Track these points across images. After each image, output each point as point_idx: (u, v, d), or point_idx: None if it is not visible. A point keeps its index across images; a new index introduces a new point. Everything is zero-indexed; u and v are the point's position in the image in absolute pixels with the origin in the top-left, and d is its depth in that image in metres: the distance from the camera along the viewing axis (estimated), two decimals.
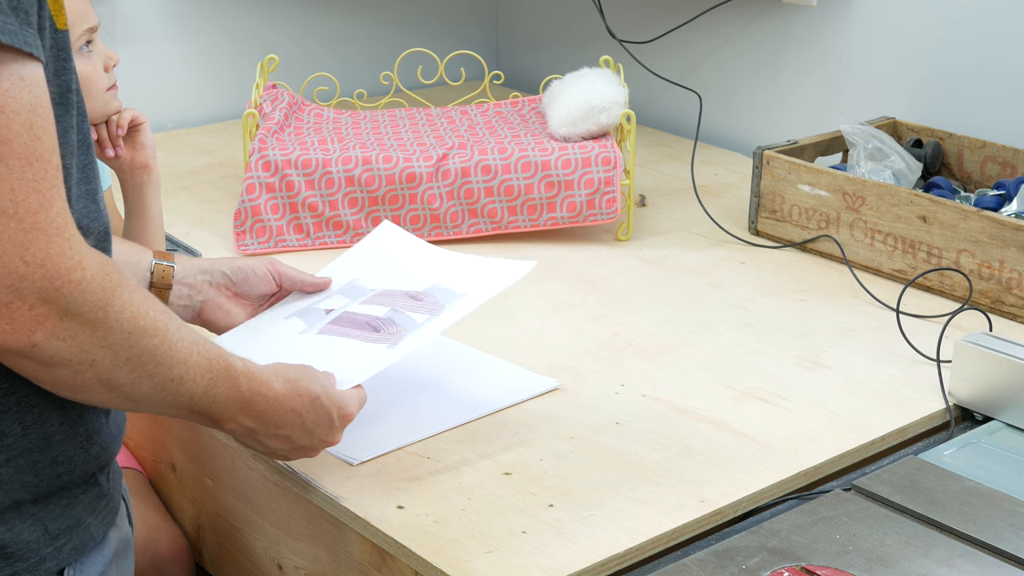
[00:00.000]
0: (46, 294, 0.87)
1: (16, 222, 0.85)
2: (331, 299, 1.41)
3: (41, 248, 0.86)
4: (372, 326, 1.34)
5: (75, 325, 0.90)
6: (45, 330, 0.88)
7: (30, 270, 0.86)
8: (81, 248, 0.89)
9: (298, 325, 1.37)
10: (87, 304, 0.90)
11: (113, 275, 0.92)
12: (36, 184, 0.86)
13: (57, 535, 1.01)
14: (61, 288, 0.88)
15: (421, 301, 1.37)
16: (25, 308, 0.87)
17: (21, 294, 0.86)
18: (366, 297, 1.40)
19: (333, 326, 1.35)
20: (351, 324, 1.35)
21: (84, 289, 0.89)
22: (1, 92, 0.85)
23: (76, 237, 0.89)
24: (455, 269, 1.43)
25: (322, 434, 1.19)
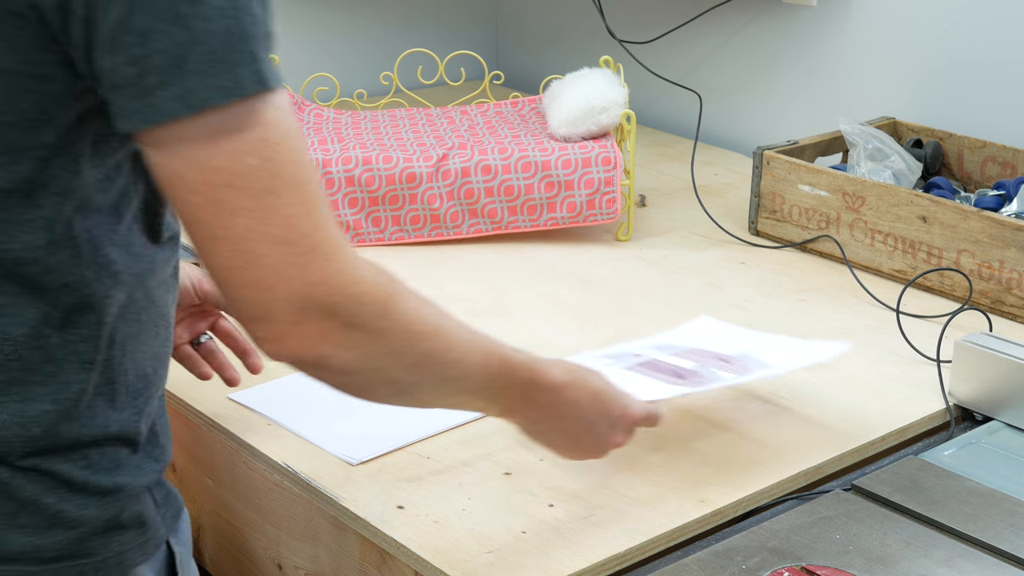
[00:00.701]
0: (330, 309, 0.92)
1: (294, 248, 0.90)
2: (641, 349, 1.44)
3: (320, 268, 0.91)
4: (678, 374, 1.37)
5: (358, 335, 0.95)
6: (332, 342, 0.93)
7: (313, 290, 0.91)
8: (356, 261, 0.94)
9: (607, 363, 1.39)
10: (367, 315, 0.94)
11: (388, 284, 0.97)
12: (307, 207, 0.91)
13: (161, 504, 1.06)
14: (343, 303, 0.93)
15: (731, 363, 1.40)
16: (312, 324, 0.92)
17: (308, 313, 0.92)
18: (676, 351, 1.43)
19: (640, 367, 1.38)
20: (657, 368, 1.38)
21: (363, 301, 0.94)
22: (265, 125, 0.89)
23: (350, 251, 0.94)
24: (769, 345, 1.46)
25: (604, 430, 1.18)
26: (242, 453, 1.40)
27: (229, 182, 0.88)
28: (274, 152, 0.89)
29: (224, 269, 0.91)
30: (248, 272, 0.90)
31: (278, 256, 0.90)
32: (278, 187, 0.90)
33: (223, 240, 0.90)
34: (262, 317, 0.92)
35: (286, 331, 0.92)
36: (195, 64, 0.86)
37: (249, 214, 0.89)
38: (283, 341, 0.93)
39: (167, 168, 0.89)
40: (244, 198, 0.89)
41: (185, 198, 0.89)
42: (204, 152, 0.88)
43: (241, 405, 1.44)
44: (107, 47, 0.86)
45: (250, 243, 0.89)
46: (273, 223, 0.90)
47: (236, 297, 0.92)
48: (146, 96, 0.86)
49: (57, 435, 0.97)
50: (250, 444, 1.37)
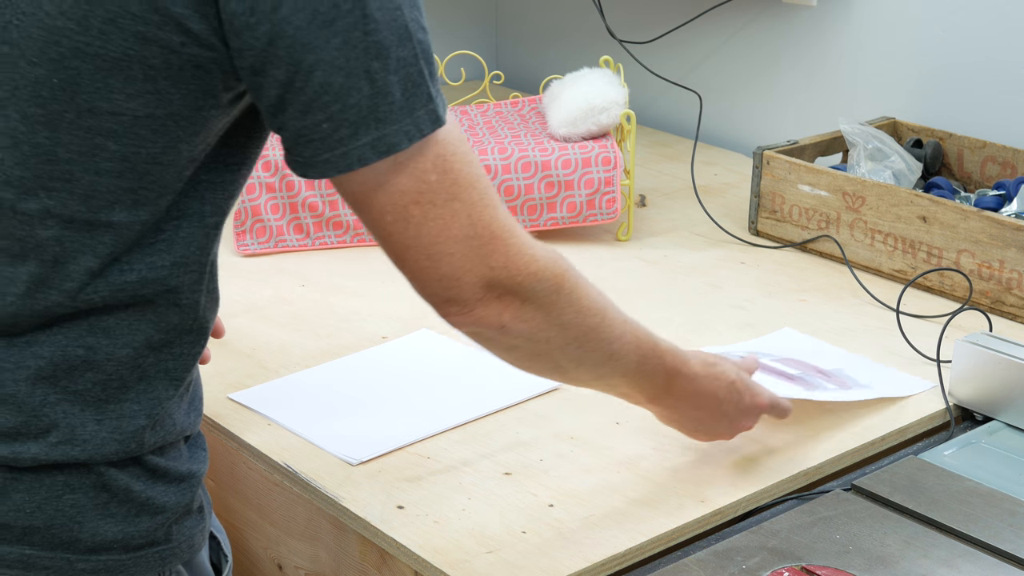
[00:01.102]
0: (510, 287, 1.03)
1: (478, 240, 1.00)
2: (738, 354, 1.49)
3: (501, 252, 1.01)
4: (785, 376, 1.45)
5: (533, 308, 1.05)
6: (511, 314, 1.04)
7: (496, 272, 1.01)
8: (531, 242, 1.04)
9: None
10: (543, 290, 1.05)
11: (560, 262, 1.07)
12: (484, 202, 1.00)
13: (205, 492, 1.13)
14: (523, 281, 1.03)
15: (830, 376, 1.48)
16: (494, 298, 1.02)
17: (492, 290, 1.02)
18: (775, 358, 1.50)
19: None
20: (765, 370, 1.44)
21: (540, 278, 1.04)
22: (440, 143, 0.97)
23: (523, 234, 1.04)
24: (859, 367, 1.53)
25: (735, 417, 1.27)
26: (242, 453, 1.40)
27: (416, 199, 0.97)
28: (449, 163, 0.98)
29: (417, 270, 1.00)
30: (439, 269, 1.00)
31: (464, 250, 1.00)
32: (458, 192, 0.99)
33: (414, 248, 0.99)
34: (452, 300, 1.02)
35: (473, 307, 1.02)
36: (383, 113, 0.94)
37: (435, 222, 0.98)
38: (470, 314, 1.02)
39: (357, 198, 0.98)
40: (430, 209, 0.98)
41: (377, 218, 0.98)
42: (390, 180, 0.96)
43: (241, 405, 1.44)
44: (304, 108, 0.93)
45: (439, 245, 0.99)
46: (457, 224, 0.99)
47: (428, 289, 1.01)
48: (339, 147, 0.94)
49: (151, 444, 1.03)
50: (250, 444, 1.37)
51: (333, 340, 1.60)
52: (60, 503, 1.01)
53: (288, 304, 1.71)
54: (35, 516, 1.00)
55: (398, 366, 1.53)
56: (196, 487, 1.08)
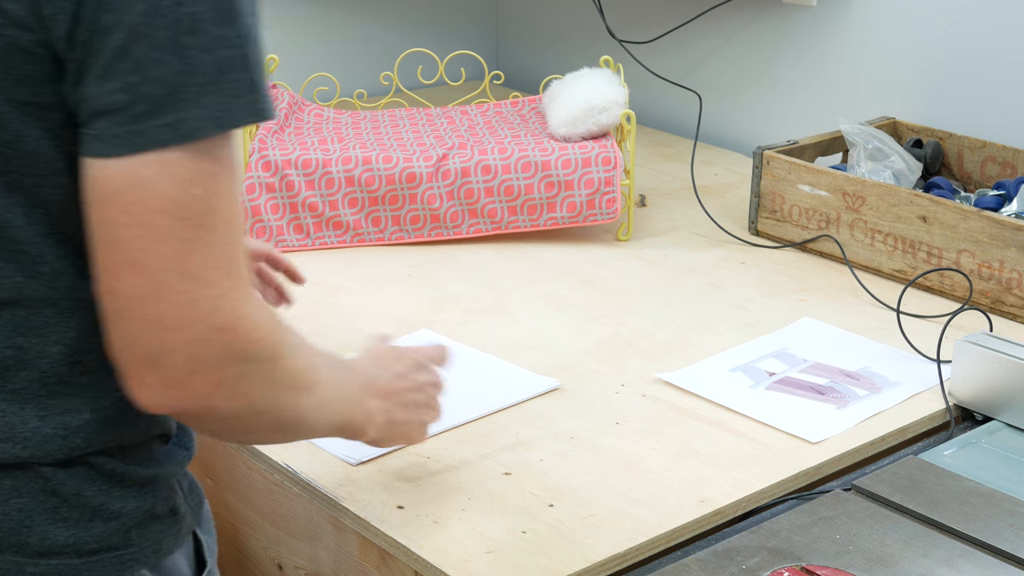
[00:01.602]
0: (227, 358, 0.90)
1: (210, 288, 0.87)
2: (766, 361, 1.55)
3: (228, 312, 0.89)
4: (817, 390, 1.48)
5: (248, 383, 0.92)
6: (222, 393, 0.91)
7: (216, 335, 0.88)
8: (256, 305, 0.92)
9: (745, 380, 1.50)
10: (261, 360, 0.92)
11: (279, 325, 0.95)
12: (230, 248, 0.88)
13: (188, 493, 1.07)
14: (242, 350, 0.90)
15: (858, 380, 1.51)
16: (206, 375, 0.89)
17: (206, 361, 0.89)
18: (803, 367, 1.54)
19: (780, 385, 1.50)
20: (796, 386, 1.49)
21: (261, 347, 0.92)
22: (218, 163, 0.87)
23: (253, 295, 0.92)
24: (881, 358, 1.56)
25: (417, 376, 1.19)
26: (242, 453, 1.39)
27: (166, 208, 0.86)
28: (219, 187, 0.87)
29: (127, 297, 0.87)
30: (155, 305, 0.87)
31: (191, 294, 0.87)
32: (214, 223, 0.87)
33: (137, 266, 0.86)
34: (154, 359, 0.88)
35: (177, 381, 0.89)
36: (190, 94, 0.85)
37: (176, 245, 0.86)
38: (171, 391, 0.89)
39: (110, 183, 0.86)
40: (177, 227, 0.86)
41: (112, 216, 0.86)
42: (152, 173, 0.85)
43: None
44: (100, 73, 0.85)
45: (166, 274, 0.86)
46: (197, 259, 0.87)
47: (130, 333, 0.88)
48: (133, 123, 0.85)
49: (100, 440, 0.97)
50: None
51: (333, 340, 1.60)
52: (7, 507, 0.95)
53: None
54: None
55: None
56: (163, 490, 1.01)
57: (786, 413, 1.42)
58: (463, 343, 1.58)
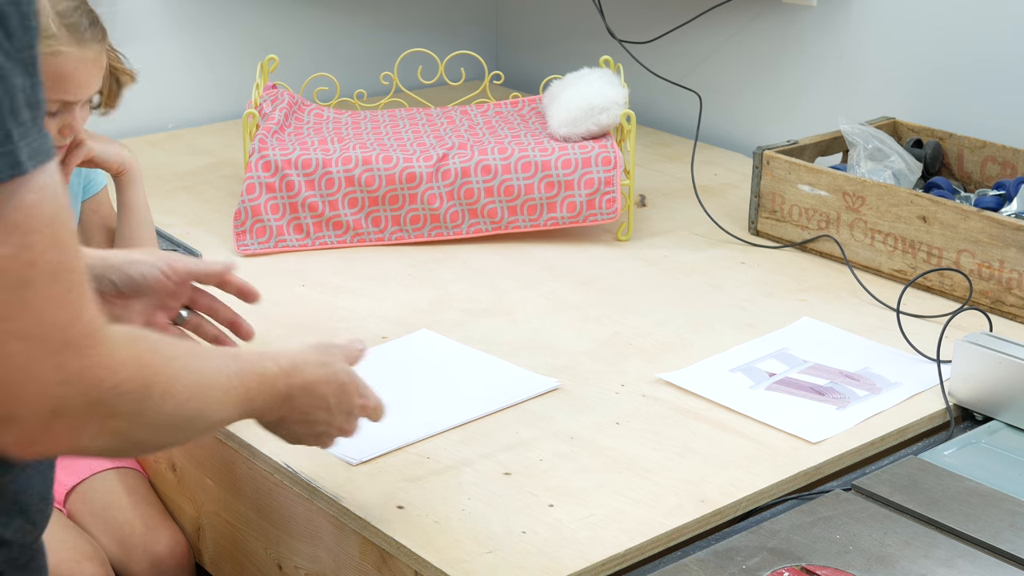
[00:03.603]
0: (85, 408, 0.85)
1: (47, 344, 0.82)
2: (766, 362, 1.55)
3: (75, 364, 0.83)
4: (817, 391, 1.48)
5: (116, 422, 0.87)
6: (89, 435, 0.86)
7: (66, 389, 0.83)
8: (111, 350, 0.86)
9: (745, 381, 1.51)
10: (126, 403, 0.87)
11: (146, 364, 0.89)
12: (62, 299, 0.82)
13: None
14: (100, 397, 0.85)
15: (858, 380, 1.51)
16: (65, 425, 0.84)
17: (61, 413, 0.84)
18: (802, 368, 1.54)
19: (780, 385, 1.49)
20: (796, 386, 1.49)
21: (122, 392, 0.87)
22: (24, 211, 0.80)
23: (106, 340, 0.85)
24: (882, 359, 1.56)
25: (341, 422, 1.17)
26: (242, 453, 1.40)
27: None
28: (31, 239, 0.80)
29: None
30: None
31: (28, 354, 0.81)
32: (33, 279, 0.81)
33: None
34: (9, 419, 0.83)
35: (36, 434, 0.84)
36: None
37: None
38: (33, 445, 0.85)
39: None
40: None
41: None
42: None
43: None
44: None
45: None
46: (25, 318, 0.81)
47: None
48: None
49: None
50: (250, 444, 1.37)
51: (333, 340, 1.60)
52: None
53: (288, 304, 1.71)
54: None
55: (398, 366, 1.53)
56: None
57: (786, 413, 1.42)
58: (463, 343, 1.58)
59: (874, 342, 1.60)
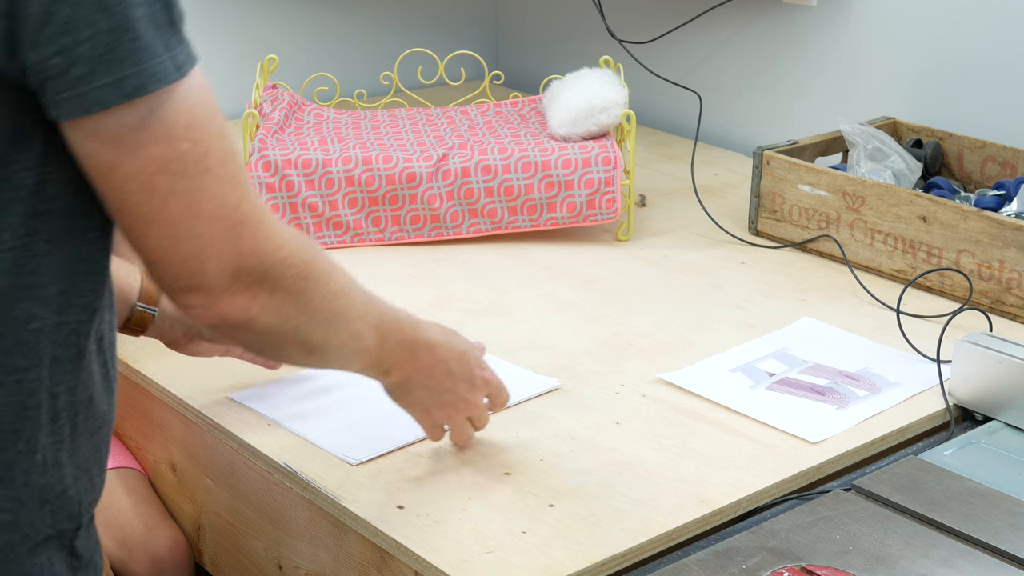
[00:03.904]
0: (259, 275, 0.98)
1: (226, 221, 0.94)
2: (766, 362, 1.55)
3: (249, 237, 0.96)
4: (817, 391, 1.48)
5: (282, 296, 1.00)
6: (259, 305, 0.99)
7: (244, 259, 0.96)
8: (279, 227, 0.99)
9: (745, 381, 1.50)
10: (292, 277, 1.00)
11: (309, 248, 1.03)
12: (234, 181, 0.94)
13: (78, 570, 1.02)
14: (271, 268, 0.98)
15: (858, 381, 1.51)
16: (242, 289, 0.97)
17: (239, 279, 0.96)
18: (802, 368, 1.54)
19: (779, 385, 1.49)
20: (796, 386, 1.49)
21: (289, 264, 1.00)
22: (191, 110, 0.91)
23: (273, 218, 0.98)
24: (882, 359, 1.56)
25: (464, 391, 1.28)
26: (242, 453, 1.40)
27: (163, 167, 0.90)
28: (203, 133, 0.92)
29: (157, 250, 0.94)
30: (182, 248, 0.93)
31: (211, 231, 0.94)
32: (210, 166, 0.92)
33: (156, 223, 0.92)
34: (195, 288, 0.96)
35: (218, 297, 0.96)
36: (125, 52, 0.87)
37: (183, 195, 0.92)
38: (214, 307, 0.97)
39: (101, 158, 0.89)
40: (178, 181, 0.91)
41: (119, 185, 0.91)
42: (137, 141, 0.89)
43: (241, 405, 1.44)
44: (32, 41, 0.86)
45: (184, 223, 0.92)
46: (205, 201, 0.93)
47: (170, 272, 0.95)
48: (77, 86, 0.87)
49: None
50: (250, 444, 1.37)
51: None
52: None
53: None
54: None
55: None
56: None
57: (786, 413, 1.42)
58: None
59: (874, 342, 1.60)
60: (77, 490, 1.00)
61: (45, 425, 0.96)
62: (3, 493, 0.95)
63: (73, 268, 0.95)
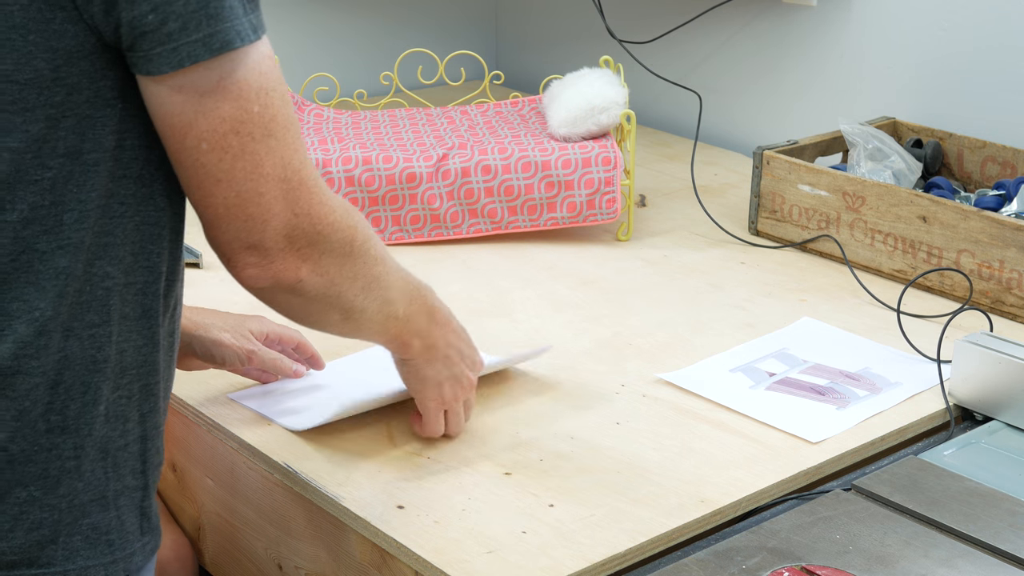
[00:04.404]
0: (311, 237, 1.03)
1: (287, 183, 1.00)
2: (766, 362, 1.55)
3: (305, 200, 1.01)
4: (817, 391, 1.48)
5: (329, 260, 1.06)
6: (308, 267, 1.04)
7: (299, 220, 1.01)
8: (329, 194, 1.05)
9: (745, 381, 1.50)
10: (339, 241, 1.06)
11: (354, 214, 1.08)
12: (295, 145, 1.00)
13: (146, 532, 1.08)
14: (322, 231, 1.04)
15: (858, 381, 1.51)
16: (295, 251, 1.02)
17: (294, 240, 1.02)
18: (803, 368, 1.54)
19: (780, 385, 1.49)
20: (796, 386, 1.49)
21: (337, 228, 1.05)
22: (263, 75, 0.97)
23: (324, 185, 1.04)
24: (882, 359, 1.56)
25: (469, 367, 1.32)
26: (242, 453, 1.40)
27: (235, 128, 0.96)
28: (270, 98, 0.98)
29: (223, 207, 0.99)
30: (247, 208, 0.99)
31: (274, 192, 0.99)
32: (275, 130, 0.98)
33: (225, 182, 0.98)
34: (254, 246, 1.01)
35: (273, 257, 1.02)
36: (214, 10, 0.94)
37: (252, 156, 0.97)
38: (269, 266, 1.02)
39: (180, 117, 0.95)
40: (248, 142, 0.97)
41: (193, 144, 0.96)
42: (213, 101, 0.95)
43: (241, 405, 1.44)
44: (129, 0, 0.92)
45: (251, 182, 0.98)
46: (271, 162, 0.99)
47: (231, 230, 1.00)
48: (169, 42, 0.93)
49: None
50: (250, 444, 1.37)
51: (333, 340, 1.59)
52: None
53: None
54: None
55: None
56: None
57: (786, 413, 1.42)
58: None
59: (874, 342, 1.60)
60: (141, 448, 1.06)
61: (111, 379, 1.01)
62: (70, 441, 1.00)
63: (142, 232, 1.01)
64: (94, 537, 1.02)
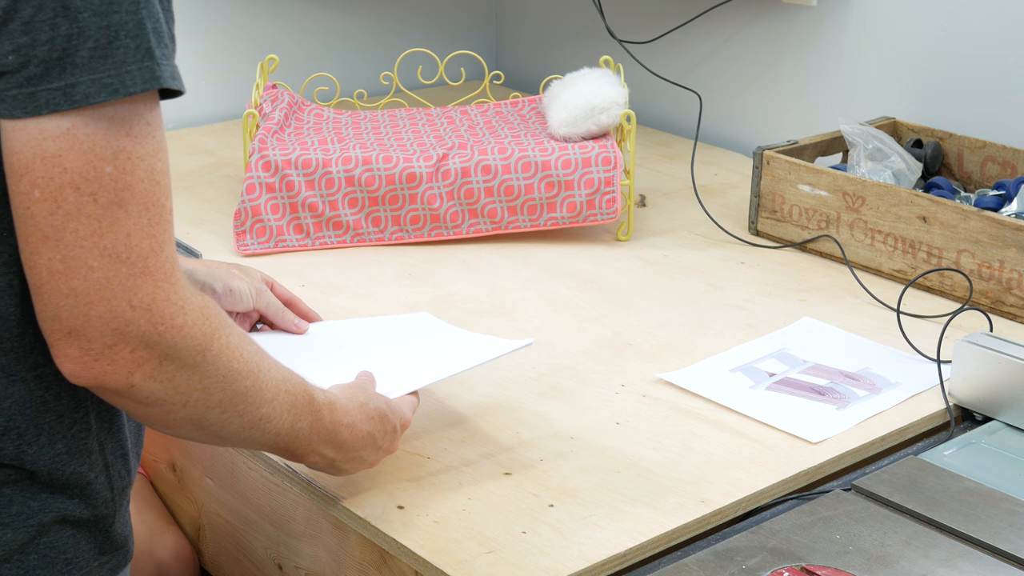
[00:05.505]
0: (149, 338, 0.89)
1: (128, 267, 0.88)
2: (766, 362, 1.55)
3: (148, 293, 0.89)
4: (817, 391, 1.48)
5: (173, 368, 0.92)
6: (144, 372, 0.91)
7: (136, 315, 0.88)
8: (185, 293, 0.92)
9: (745, 381, 1.51)
10: (187, 349, 0.92)
11: (213, 319, 0.94)
12: (150, 229, 0.88)
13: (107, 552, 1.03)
14: (164, 333, 0.90)
15: (858, 381, 1.51)
16: (127, 351, 0.89)
17: (125, 337, 0.89)
18: (803, 368, 1.54)
19: (780, 386, 1.49)
20: (796, 386, 1.49)
21: (185, 335, 0.91)
22: (132, 138, 0.87)
23: (181, 281, 0.91)
24: (882, 359, 1.56)
25: (387, 445, 1.22)
26: (242, 453, 1.40)
27: (76, 184, 0.86)
28: (132, 165, 0.87)
29: (46, 271, 0.87)
30: (71, 280, 0.87)
31: (107, 271, 0.87)
32: (128, 202, 0.87)
33: (52, 240, 0.87)
34: (75, 332, 0.88)
35: (97, 353, 0.89)
36: (81, 59, 0.85)
37: (89, 221, 0.86)
38: (92, 364, 0.89)
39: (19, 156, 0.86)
40: (89, 203, 0.86)
41: (26, 190, 0.86)
42: (57, 147, 0.86)
43: None
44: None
45: (81, 251, 0.87)
46: (112, 236, 0.87)
47: (52, 305, 0.88)
48: (27, 86, 0.85)
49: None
50: None
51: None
52: None
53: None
54: None
55: (393, 343, 1.50)
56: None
57: (786, 413, 1.42)
58: (464, 330, 1.58)
59: (874, 342, 1.60)
60: (106, 477, 1.01)
61: (66, 416, 0.96)
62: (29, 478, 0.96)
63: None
64: (51, 556, 0.97)
